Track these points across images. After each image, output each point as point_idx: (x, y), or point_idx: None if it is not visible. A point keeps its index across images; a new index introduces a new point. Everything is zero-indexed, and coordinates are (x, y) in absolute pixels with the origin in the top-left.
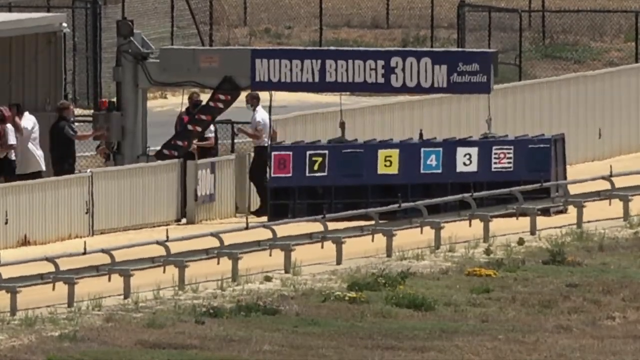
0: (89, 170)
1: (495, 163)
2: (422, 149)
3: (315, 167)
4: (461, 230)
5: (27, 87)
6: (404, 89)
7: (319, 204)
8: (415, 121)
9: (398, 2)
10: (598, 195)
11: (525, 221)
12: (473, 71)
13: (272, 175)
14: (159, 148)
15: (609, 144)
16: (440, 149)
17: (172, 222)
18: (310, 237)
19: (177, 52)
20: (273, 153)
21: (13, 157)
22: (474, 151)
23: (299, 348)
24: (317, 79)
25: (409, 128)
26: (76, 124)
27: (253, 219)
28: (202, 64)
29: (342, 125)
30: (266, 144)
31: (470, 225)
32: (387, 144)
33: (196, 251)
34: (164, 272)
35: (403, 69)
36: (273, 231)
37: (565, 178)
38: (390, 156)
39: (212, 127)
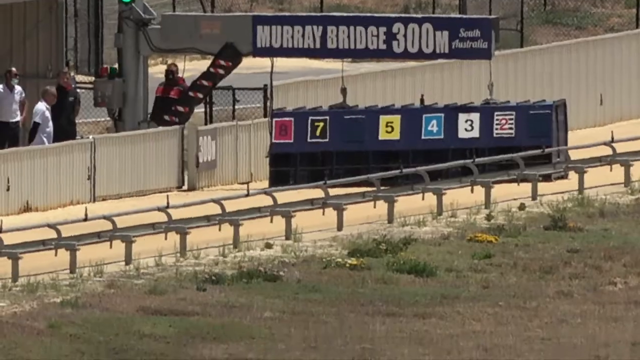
0: (91, 137)
1: (496, 129)
2: (424, 115)
3: (317, 133)
4: (463, 196)
5: (29, 54)
6: (405, 55)
7: (320, 170)
8: (417, 87)
9: None
10: (599, 160)
11: (526, 187)
12: (474, 37)
13: (274, 141)
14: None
15: (610, 110)
16: (442, 114)
17: (174, 189)
18: (311, 204)
19: (179, 19)
20: (274, 119)
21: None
22: (475, 117)
23: (299, 314)
24: (318, 45)
25: (411, 94)
26: (78, 90)
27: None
28: (204, 30)
29: (344, 91)
30: None
31: (472, 191)
32: (388, 110)
33: (197, 218)
34: (166, 238)
35: (405, 35)
36: (274, 198)
37: (566, 144)
38: (392, 122)
39: None
